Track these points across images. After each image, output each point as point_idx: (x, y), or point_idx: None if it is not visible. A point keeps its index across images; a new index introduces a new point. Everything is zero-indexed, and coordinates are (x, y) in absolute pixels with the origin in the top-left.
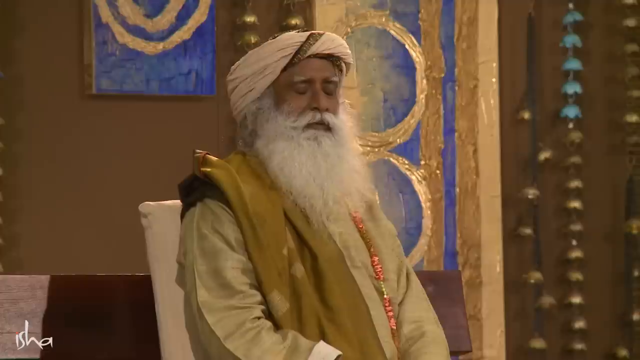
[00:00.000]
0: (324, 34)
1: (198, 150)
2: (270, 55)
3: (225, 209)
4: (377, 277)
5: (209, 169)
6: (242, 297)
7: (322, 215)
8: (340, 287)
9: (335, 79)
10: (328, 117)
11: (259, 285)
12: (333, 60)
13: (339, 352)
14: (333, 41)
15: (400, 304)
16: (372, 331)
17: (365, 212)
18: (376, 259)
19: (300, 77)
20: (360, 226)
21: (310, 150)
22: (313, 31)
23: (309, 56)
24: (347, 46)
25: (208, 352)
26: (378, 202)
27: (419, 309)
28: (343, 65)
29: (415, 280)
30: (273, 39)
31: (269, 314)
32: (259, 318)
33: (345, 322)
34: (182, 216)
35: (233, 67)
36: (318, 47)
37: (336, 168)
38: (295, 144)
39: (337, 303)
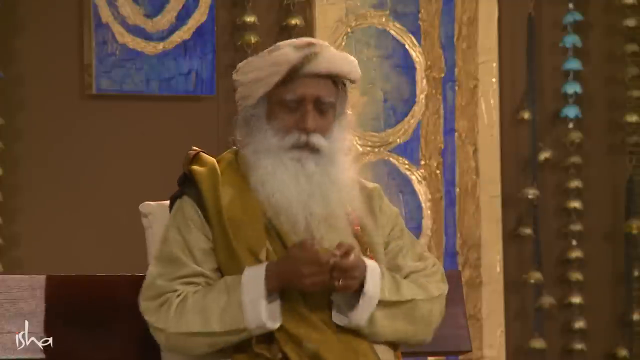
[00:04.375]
0: (320, 52)
1: (194, 148)
2: (264, 68)
3: (197, 211)
4: None
5: (194, 167)
6: (172, 293)
7: (305, 234)
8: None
9: (330, 99)
10: (314, 139)
11: None
12: (332, 78)
13: (266, 263)
14: (330, 61)
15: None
16: (353, 337)
17: (364, 207)
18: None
19: (292, 96)
20: (357, 227)
21: (293, 171)
22: (311, 48)
23: (304, 75)
24: (350, 61)
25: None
26: (379, 191)
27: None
28: (346, 81)
29: (430, 264)
30: (272, 50)
31: None
32: (179, 290)
33: (324, 327)
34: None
35: (239, 65)
36: (313, 68)
37: (321, 187)
38: (279, 162)
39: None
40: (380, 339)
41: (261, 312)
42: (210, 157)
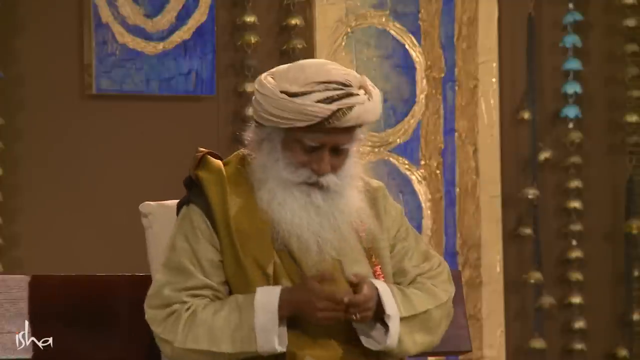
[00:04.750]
0: (354, 106)
1: (201, 149)
2: (290, 112)
3: (205, 221)
4: None
5: (201, 173)
6: (180, 305)
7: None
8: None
9: (349, 144)
10: (325, 180)
11: None
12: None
13: (280, 288)
14: (359, 116)
15: (414, 281)
16: (362, 348)
17: (369, 210)
18: (378, 268)
19: (311, 143)
20: (362, 234)
21: (302, 203)
22: (344, 101)
23: (329, 126)
24: (376, 109)
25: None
26: (384, 191)
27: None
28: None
29: (436, 263)
30: (301, 91)
31: None
32: (188, 303)
33: (330, 340)
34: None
35: (257, 86)
36: (341, 123)
37: (329, 218)
38: (289, 193)
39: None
40: (406, 355)
41: (274, 340)
42: (217, 161)
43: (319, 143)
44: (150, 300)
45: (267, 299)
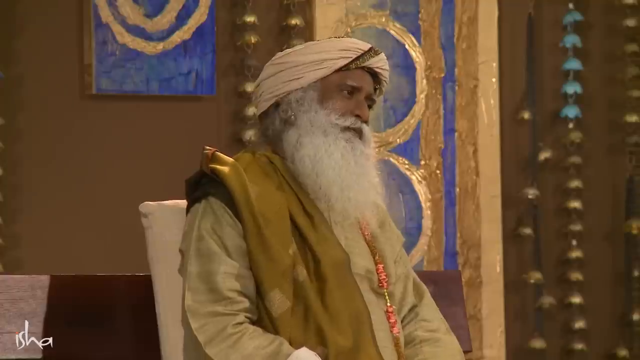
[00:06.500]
0: (381, 52)
1: (207, 147)
2: (332, 51)
3: (227, 211)
4: (380, 285)
5: (216, 166)
6: (227, 303)
7: (338, 217)
8: (342, 292)
9: (375, 98)
10: (365, 128)
11: (259, 285)
12: (376, 80)
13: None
14: (385, 62)
15: (412, 310)
16: (372, 337)
17: (376, 218)
18: (381, 266)
19: (353, 83)
20: (366, 233)
21: (344, 152)
22: (372, 46)
23: (363, 67)
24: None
25: (194, 354)
26: (385, 209)
27: (434, 318)
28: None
29: (426, 289)
30: (337, 37)
31: (266, 316)
32: (241, 323)
33: (345, 328)
34: (187, 210)
35: (281, 53)
36: (374, 62)
37: (362, 177)
38: (332, 140)
39: (337, 308)
40: None
41: None
42: (228, 157)
43: (360, 83)
44: (189, 294)
45: (307, 355)
